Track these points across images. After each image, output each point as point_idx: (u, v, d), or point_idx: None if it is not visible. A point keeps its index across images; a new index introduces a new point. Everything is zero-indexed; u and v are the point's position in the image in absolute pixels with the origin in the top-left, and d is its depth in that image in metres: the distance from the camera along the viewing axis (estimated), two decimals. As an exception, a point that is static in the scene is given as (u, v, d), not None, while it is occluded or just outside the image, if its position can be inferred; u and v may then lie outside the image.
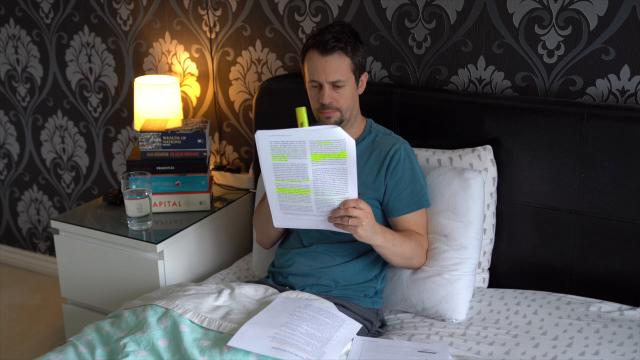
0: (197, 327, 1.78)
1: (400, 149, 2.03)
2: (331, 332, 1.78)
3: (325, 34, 1.96)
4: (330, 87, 1.97)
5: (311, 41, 1.98)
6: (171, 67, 2.85)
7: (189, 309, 1.83)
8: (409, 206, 2.02)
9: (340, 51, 1.95)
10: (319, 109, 2.00)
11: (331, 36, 1.95)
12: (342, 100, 1.98)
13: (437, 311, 2.03)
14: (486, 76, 2.29)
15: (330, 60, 1.95)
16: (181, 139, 2.41)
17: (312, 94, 2.02)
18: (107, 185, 3.20)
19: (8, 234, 3.61)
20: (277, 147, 1.77)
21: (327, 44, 1.94)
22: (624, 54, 2.09)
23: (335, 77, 1.96)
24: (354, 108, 2.04)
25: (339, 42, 1.95)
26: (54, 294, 3.28)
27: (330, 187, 1.79)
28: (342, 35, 1.96)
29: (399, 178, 2.01)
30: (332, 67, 1.95)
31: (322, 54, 1.95)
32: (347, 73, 1.97)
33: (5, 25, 3.21)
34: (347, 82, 1.97)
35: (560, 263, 2.14)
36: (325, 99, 1.97)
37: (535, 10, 2.17)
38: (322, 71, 1.96)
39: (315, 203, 1.82)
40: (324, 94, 1.97)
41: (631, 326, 1.92)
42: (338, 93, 1.98)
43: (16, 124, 3.36)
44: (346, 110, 2.00)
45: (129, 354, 1.70)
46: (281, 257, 2.11)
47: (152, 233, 2.33)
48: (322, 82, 1.96)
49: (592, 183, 2.06)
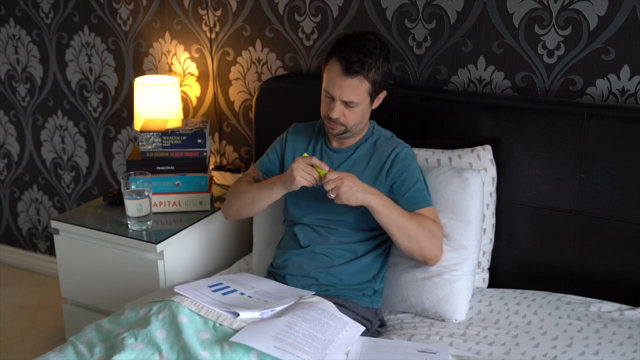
0: (195, 316, 1.78)
1: (401, 151, 2.03)
2: (334, 334, 1.78)
3: (352, 53, 1.90)
4: (342, 103, 1.95)
5: (338, 53, 1.93)
6: (171, 67, 2.85)
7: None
8: (415, 204, 2.00)
9: (362, 77, 1.92)
10: (326, 117, 2.00)
11: (357, 58, 1.90)
12: (350, 117, 1.98)
13: (436, 311, 2.03)
14: (486, 76, 2.29)
15: (349, 82, 1.92)
16: (181, 139, 2.41)
17: (324, 100, 2.00)
18: (107, 185, 3.20)
19: (8, 234, 3.61)
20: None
21: (351, 66, 1.90)
22: (624, 54, 2.09)
23: (350, 99, 1.94)
24: (362, 122, 2.03)
25: (363, 68, 1.90)
26: (54, 294, 3.28)
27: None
28: (369, 59, 1.91)
29: (405, 178, 2.01)
30: (348, 89, 1.93)
31: (343, 73, 1.92)
32: (363, 96, 1.95)
33: (5, 25, 3.21)
34: (360, 104, 1.96)
35: (560, 263, 2.14)
36: (333, 114, 1.96)
37: (535, 10, 2.17)
38: (338, 88, 1.93)
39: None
40: (334, 108, 1.96)
41: (631, 326, 1.92)
42: (349, 110, 1.96)
43: (16, 124, 3.36)
44: (352, 127, 2.00)
45: (126, 347, 1.70)
46: (279, 257, 2.11)
47: (152, 233, 2.33)
48: (336, 98, 1.95)
49: (592, 183, 2.06)
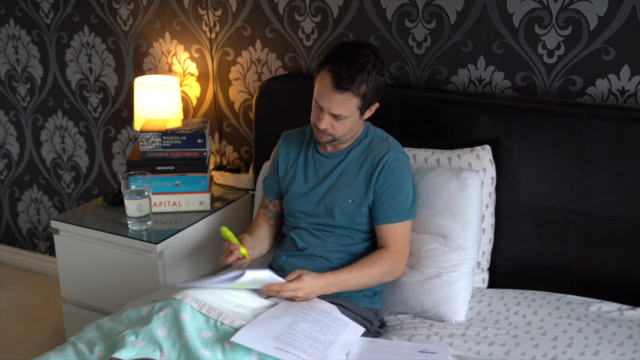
0: (197, 314, 1.78)
1: (392, 157, 2.00)
2: (334, 335, 1.78)
3: (343, 68, 1.87)
4: (330, 115, 1.93)
5: (330, 65, 1.91)
6: (171, 67, 2.85)
7: (188, 294, 1.83)
8: (391, 217, 2.00)
9: (351, 93, 1.89)
10: (315, 126, 1.98)
11: (348, 74, 1.87)
12: (339, 128, 1.96)
13: (436, 313, 2.03)
14: (486, 76, 2.29)
15: (338, 97, 1.90)
16: (181, 139, 2.41)
17: (314, 109, 1.98)
18: (107, 185, 3.20)
19: (8, 234, 3.61)
20: (200, 287, 1.88)
21: (340, 82, 1.88)
22: (624, 54, 2.09)
23: (338, 112, 1.92)
24: (351, 132, 2.00)
25: (353, 84, 1.88)
26: (54, 294, 3.28)
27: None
28: (360, 74, 1.88)
29: (387, 187, 1.99)
30: (337, 103, 1.91)
31: (333, 87, 1.89)
32: (351, 110, 1.93)
33: (5, 25, 3.21)
34: (349, 117, 1.94)
35: (560, 263, 2.14)
36: (321, 125, 1.94)
37: (535, 10, 2.17)
38: (327, 101, 1.91)
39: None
40: (322, 119, 1.94)
41: (631, 326, 1.92)
42: (337, 122, 1.94)
43: (16, 124, 3.36)
44: (341, 137, 1.98)
45: (126, 344, 1.70)
46: (278, 258, 2.11)
47: (152, 233, 2.33)
48: (324, 110, 1.93)
49: (592, 183, 2.06)
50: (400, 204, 2.00)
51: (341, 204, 2.01)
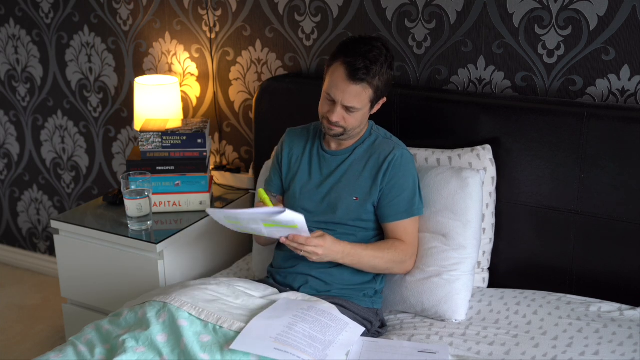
0: (195, 320, 1.78)
1: (397, 155, 2.02)
2: (334, 335, 1.78)
3: (358, 59, 1.89)
4: (343, 107, 1.94)
5: (344, 57, 1.92)
6: (171, 67, 2.85)
7: (186, 301, 1.83)
8: (400, 214, 2.01)
9: (366, 84, 1.91)
10: (325, 118, 1.98)
11: (364, 65, 1.88)
12: (350, 121, 1.97)
13: (436, 312, 2.03)
14: (486, 76, 2.29)
15: (353, 88, 1.91)
16: (181, 139, 2.41)
17: (323, 102, 1.99)
18: (107, 185, 3.20)
19: (8, 234, 3.61)
20: (231, 217, 1.86)
21: (356, 73, 1.89)
22: (624, 54, 2.09)
23: (352, 104, 1.93)
24: (360, 126, 2.02)
25: (368, 75, 1.90)
26: (54, 294, 3.28)
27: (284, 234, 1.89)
28: (375, 66, 1.90)
29: (393, 185, 2.00)
30: (352, 94, 1.92)
31: (348, 79, 1.90)
32: (364, 102, 1.94)
33: (5, 25, 3.21)
34: (361, 109, 1.95)
35: (560, 263, 2.14)
36: (333, 118, 1.95)
37: (535, 10, 2.17)
38: (341, 93, 1.92)
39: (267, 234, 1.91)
40: (335, 111, 1.94)
41: (631, 326, 1.92)
42: (349, 114, 1.95)
43: (16, 124, 3.36)
44: (351, 130, 1.99)
45: (127, 349, 1.70)
46: (279, 257, 2.11)
47: (152, 233, 2.33)
48: (337, 102, 1.94)
49: (592, 183, 2.06)
50: (407, 201, 2.01)
51: (346, 202, 2.02)
